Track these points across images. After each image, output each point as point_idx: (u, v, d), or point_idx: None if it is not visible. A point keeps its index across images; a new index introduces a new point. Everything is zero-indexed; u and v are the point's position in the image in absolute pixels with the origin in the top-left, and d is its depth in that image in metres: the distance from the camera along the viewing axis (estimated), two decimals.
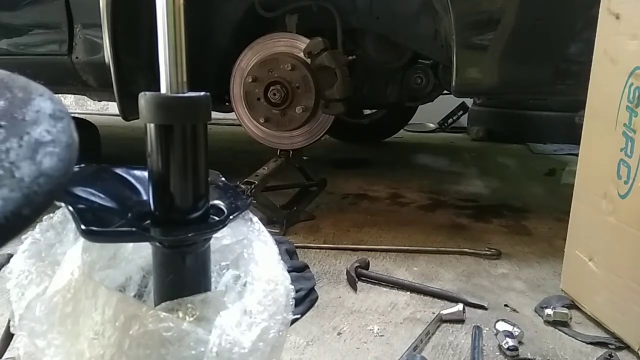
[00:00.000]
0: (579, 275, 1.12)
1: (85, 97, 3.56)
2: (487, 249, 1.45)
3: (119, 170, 0.58)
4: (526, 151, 3.34)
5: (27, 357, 0.51)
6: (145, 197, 0.55)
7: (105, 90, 1.71)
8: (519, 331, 0.97)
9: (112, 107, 4.64)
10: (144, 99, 0.50)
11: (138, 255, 0.59)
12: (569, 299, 1.14)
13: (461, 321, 1.06)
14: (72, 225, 0.56)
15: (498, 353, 0.94)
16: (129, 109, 1.65)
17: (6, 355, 0.66)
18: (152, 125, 0.50)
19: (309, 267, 1.29)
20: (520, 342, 0.96)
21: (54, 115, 0.39)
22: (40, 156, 0.35)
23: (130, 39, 1.63)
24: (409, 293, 1.19)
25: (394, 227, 1.68)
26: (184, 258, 0.53)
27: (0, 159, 0.34)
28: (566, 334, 1.02)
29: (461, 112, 4.02)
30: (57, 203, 0.50)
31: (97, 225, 0.47)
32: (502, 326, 0.99)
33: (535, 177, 2.57)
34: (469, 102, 3.96)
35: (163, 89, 0.52)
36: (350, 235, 1.60)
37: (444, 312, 1.07)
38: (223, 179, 0.64)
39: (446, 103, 3.51)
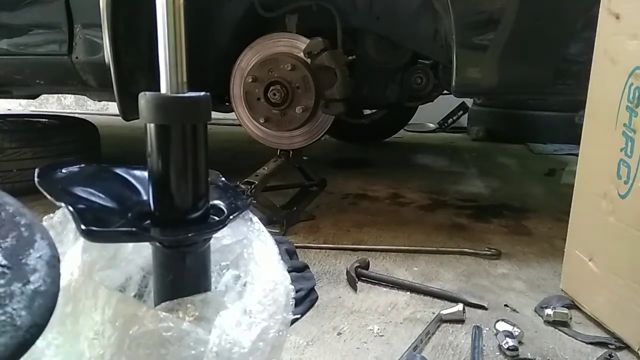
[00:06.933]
0: (579, 275, 1.12)
1: (85, 97, 3.56)
2: (487, 249, 1.45)
3: (119, 170, 0.58)
4: (526, 151, 3.34)
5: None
6: (145, 197, 0.55)
7: (105, 90, 1.71)
8: (519, 331, 0.97)
9: (112, 107, 4.64)
10: (144, 99, 0.50)
11: (138, 255, 0.59)
12: (569, 299, 1.14)
13: (461, 321, 1.06)
14: (72, 225, 0.56)
15: (498, 353, 0.94)
16: (129, 109, 1.65)
17: None
18: (152, 125, 0.51)
19: (309, 267, 1.28)
20: (520, 342, 0.96)
21: (50, 263, 0.44)
22: (36, 307, 0.40)
23: (130, 39, 1.63)
24: (409, 293, 1.19)
25: (393, 227, 1.68)
26: (184, 258, 0.53)
27: (5, 304, 0.39)
28: (566, 334, 1.02)
29: (461, 112, 4.03)
30: (57, 203, 0.50)
31: (97, 225, 0.47)
32: (502, 326, 0.99)
33: (535, 177, 2.57)
34: (469, 102, 3.96)
35: (163, 89, 0.52)
36: (350, 235, 1.60)
37: (444, 312, 1.07)
38: (223, 179, 0.64)
39: (446, 103, 3.51)
